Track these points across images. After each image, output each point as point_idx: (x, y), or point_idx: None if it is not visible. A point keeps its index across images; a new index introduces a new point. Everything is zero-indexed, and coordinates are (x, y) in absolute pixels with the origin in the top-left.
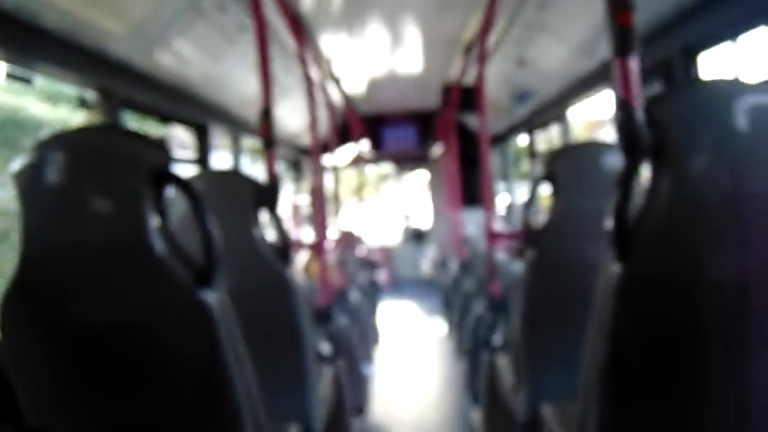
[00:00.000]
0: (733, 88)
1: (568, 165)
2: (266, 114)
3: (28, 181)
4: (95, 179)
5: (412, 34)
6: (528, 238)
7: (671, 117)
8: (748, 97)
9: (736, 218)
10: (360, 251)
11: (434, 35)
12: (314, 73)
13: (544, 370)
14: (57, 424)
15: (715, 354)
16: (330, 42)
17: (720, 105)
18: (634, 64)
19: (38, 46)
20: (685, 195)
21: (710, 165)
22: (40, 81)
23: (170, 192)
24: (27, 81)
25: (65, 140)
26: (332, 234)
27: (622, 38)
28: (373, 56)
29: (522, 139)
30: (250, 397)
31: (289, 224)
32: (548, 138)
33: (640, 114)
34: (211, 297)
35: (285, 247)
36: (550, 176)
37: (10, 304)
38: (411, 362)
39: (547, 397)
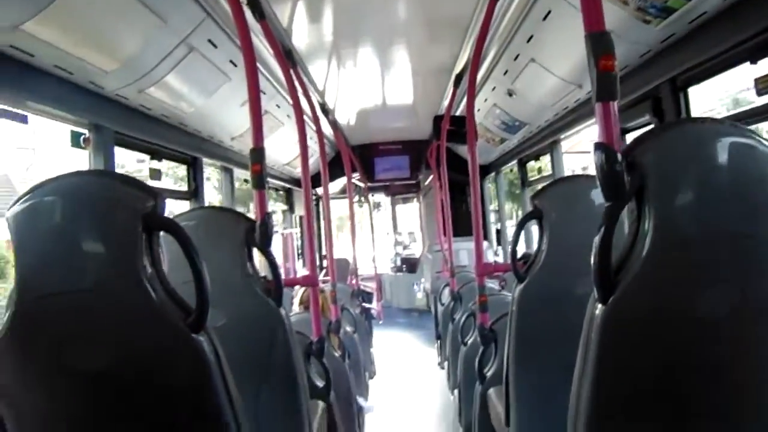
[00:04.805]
0: (713, 129)
1: (554, 201)
2: (257, 153)
3: (23, 225)
4: (90, 223)
5: (403, 65)
6: (516, 272)
7: (650, 160)
8: (728, 138)
9: (722, 257)
10: (352, 281)
11: (425, 66)
12: (305, 105)
13: (532, 406)
14: None
15: (704, 393)
16: (321, 73)
17: (700, 147)
18: (615, 108)
19: (31, 84)
20: (668, 235)
21: (692, 205)
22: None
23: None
24: (21, 119)
25: (59, 184)
26: (324, 264)
27: (604, 83)
28: (364, 87)
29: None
30: None
31: (282, 254)
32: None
33: (620, 157)
34: (203, 339)
35: (277, 284)
36: (536, 213)
37: (4, 347)
38: (405, 394)
39: None
